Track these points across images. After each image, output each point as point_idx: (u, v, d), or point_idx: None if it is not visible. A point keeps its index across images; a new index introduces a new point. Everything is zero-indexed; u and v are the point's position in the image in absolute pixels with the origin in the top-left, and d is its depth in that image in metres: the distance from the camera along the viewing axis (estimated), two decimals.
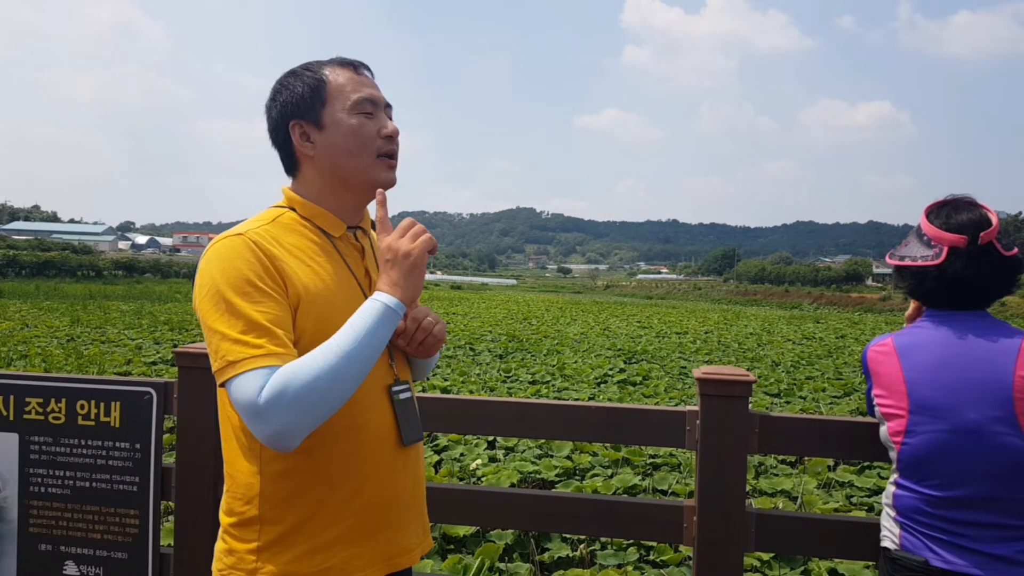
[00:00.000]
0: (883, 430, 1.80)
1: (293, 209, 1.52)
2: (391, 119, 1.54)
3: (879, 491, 5.54)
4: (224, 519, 1.46)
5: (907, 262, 1.82)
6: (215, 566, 1.46)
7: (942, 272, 1.75)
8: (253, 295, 1.33)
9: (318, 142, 1.48)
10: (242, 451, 1.43)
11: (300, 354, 1.34)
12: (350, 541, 1.43)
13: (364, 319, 1.34)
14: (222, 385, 1.33)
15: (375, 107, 1.50)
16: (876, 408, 1.82)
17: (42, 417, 2.37)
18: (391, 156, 1.52)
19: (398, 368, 1.56)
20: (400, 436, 1.50)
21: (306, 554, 1.40)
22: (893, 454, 1.77)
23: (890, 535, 1.79)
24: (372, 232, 1.67)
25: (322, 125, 1.48)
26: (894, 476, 1.79)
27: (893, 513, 1.78)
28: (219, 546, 1.47)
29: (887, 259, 1.91)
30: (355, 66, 1.53)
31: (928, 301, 1.83)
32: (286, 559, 1.39)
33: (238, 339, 1.30)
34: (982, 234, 1.72)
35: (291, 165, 1.54)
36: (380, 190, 1.49)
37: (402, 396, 1.52)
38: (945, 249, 1.74)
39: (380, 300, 1.37)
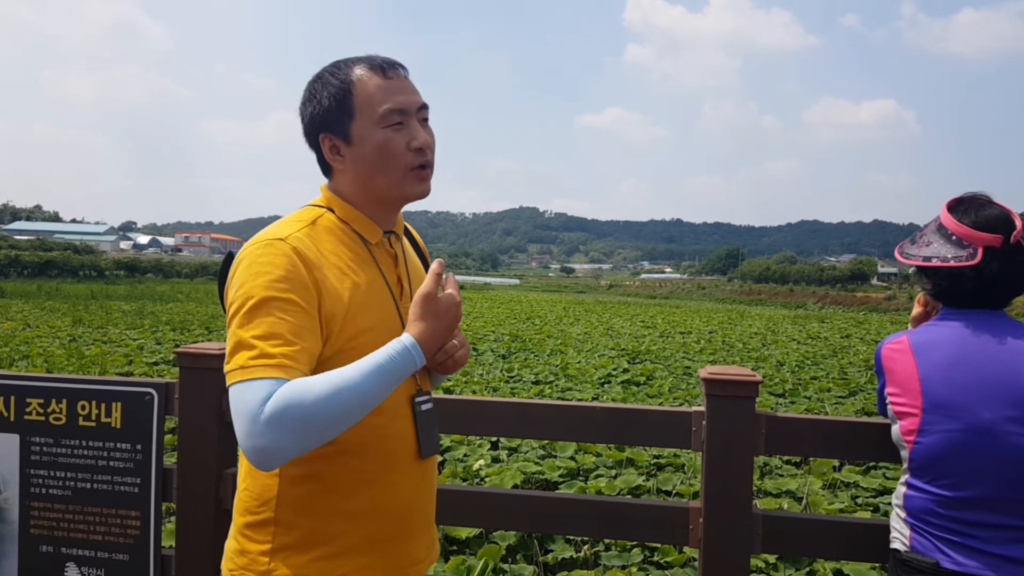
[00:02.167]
0: (895, 429, 1.78)
1: (331, 210, 1.48)
2: (427, 119, 1.49)
3: (885, 492, 5.52)
4: (238, 518, 1.45)
5: (936, 263, 1.76)
6: (225, 565, 1.45)
7: (979, 273, 1.70)
8: (280, 303, 1.29)
9: (347, 156, 1.45)
10: None
11: (329, 367, 1.30)
12: (363, 551, 1.42)
13: (382, 356, 1.29)
14: (230, 386, 1.29)
15: (405, 116, 1.43)
16: (889, 406, 1.79)
17: (43, 418, 2.36)
18: (424, 167, 1.46)
19: (421, 379, 1.54)
20: (419, 448, 1.48)
21: (319, 560, 1.38)
22: (905, 453, 1.75)
23: (900, 536, 1.76)
24: (404, 239, 1.64)
25: (351, 140, 1.43)
26: (905, 476, 1.77)
27: (903, 514, 1.76)
28: (231, 545, 1.45)
29: (901, 259, 1.87)
30: (384, 69, 1.45)
31: (956, 301, 1.78)
32: (299, 563, 1.38)
33: (252, 344, 1.26)
34: (1014, 233, 1.69)
35: (325, 169, 1.52)
36: (440, 260, 1.45)
37: (424, 407, 1.50)
38: (980, 249, 1.70)
39: (405, 343, 1.32)
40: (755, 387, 2.09)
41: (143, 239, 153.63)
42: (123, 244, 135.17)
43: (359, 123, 1.42)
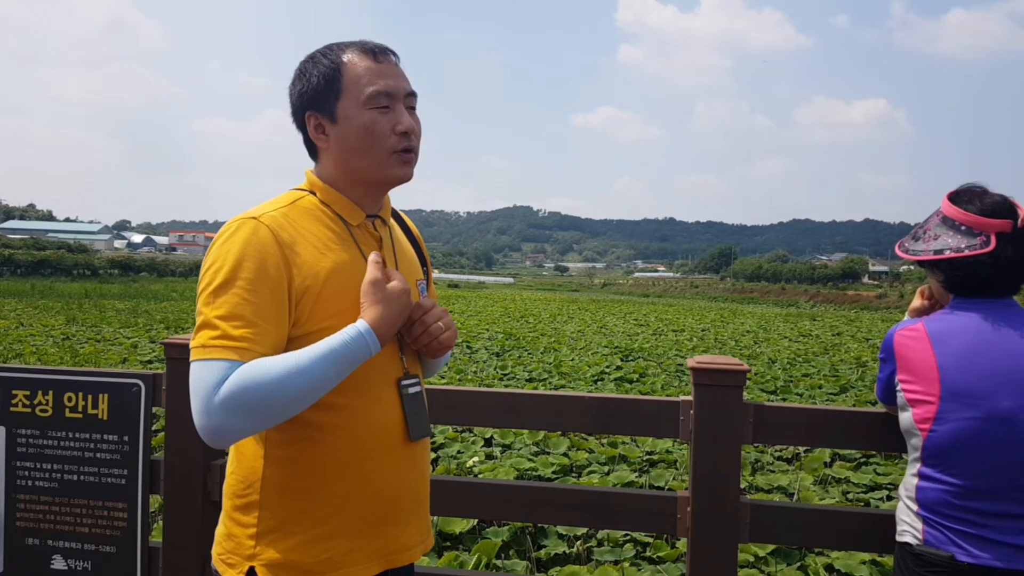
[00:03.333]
0: (906, 417, 1.75)
1: (313, 193, 1.49)
2: (414, 107, 1.49)
3: (876, 487, 5.53)
4: (226, 502, 1.46)
5: (950, 254, 1.74)
6: (215, 550, 1.46)
7: (996, 259, 1.69)
8: (245, 283, 1.31)
9: (332, 135, 1.45)
10: None
11: (302, 346, 1.32)
12: (349, 534, 1.41)
13: (336, 341, 1.31)
14: (192, 362, 1.31)
15: (392, 100, 1.43)
16: (900, 394, 1.76)
17: (29, 410, 2.35)
18: (407, 151, 1.46)
19: (408, 362, 1.53)
20: (407, 430, 1.48)
21: (305, 543, 1.38)
22: (917, 442, 1.72)
23: (912, 530, 1.73)
24: (392, 221, 1.63)
25: (336, 119, 1.43)
26: (916, 467, 1.73)
27: (915, 507, 1.72)
28: (219, 530, 1.46)
29: (905, 256, 1.84)
30: (375, 53, 1.45)
31: (970, 291, 1.76)
32: (284, 547, 1.38)
33: (215, 324, 1.29)
34: (1021, 217, 1.69)
35: (311, 150, 1.52)
36: (376, 252, 1.44)
37: (411, 390, 1.50)
38: (993, 235, 1.69)
39: (360, 329, 1.33)
40: (742, 376, 2.09)
41: (137, 238, 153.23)
42: (117, 243, 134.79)
43: (345, 102, 1.42)
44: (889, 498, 5.33)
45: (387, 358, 1.46)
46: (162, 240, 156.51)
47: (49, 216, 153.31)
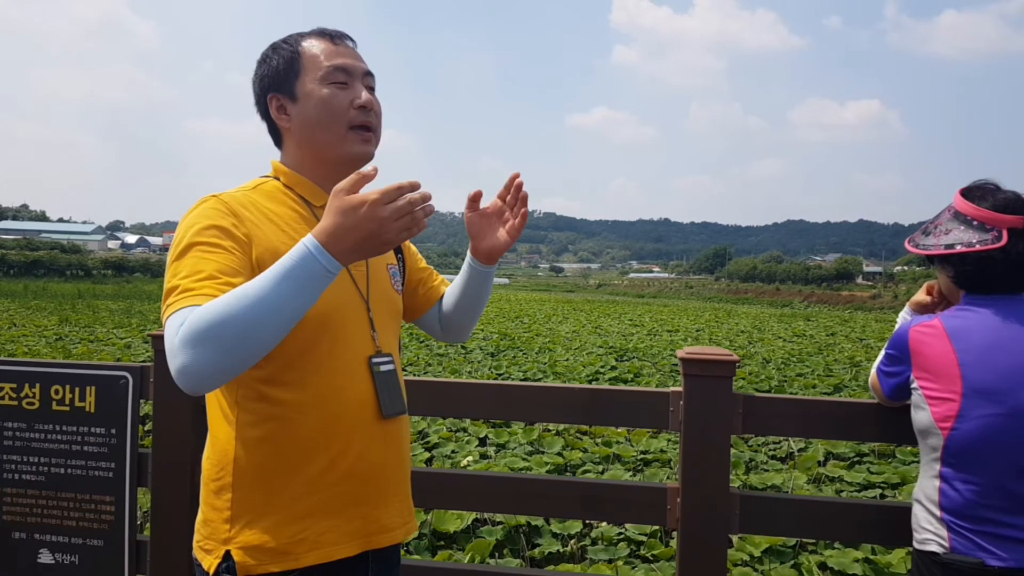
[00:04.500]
0: (923, 416, 1.72)
1: (277, 179, 1.52)
2: (372, 88, 1.51)
3: (869, 486, 5.53)
4: (203, 490, 1.45)
5: (961, 249, 1.73)
6: (195, 539, 1.45)
7: (1007, 254, 1.69)
8: (205, 247, 1.32)
9: (293, 114, 1.49)
10: (221, 413, 1.42)
11: None
12: (325, 514, 1.40)
13: (286, 260, 1.21)
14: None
15: (349, 76, 1.48)
16: (917, 392, 1.74)
17: (15, 403, 2.33)
18: (366, 128, 1.49)
19: (380, 340, 1.53)
20: (380, 408, 1.47)
21: (279, 524, 1.37)
22: (935, 441, 1.69)
23: (936, 538, 1.69)
24: None
25: (296, 97, 1.47)
26: (935, 468, 1.70)
27: (938, 512, 1.69)
28: (198, 518, 1.46)
29: (915, 250, 1.82)
30: (333, 36, 1.51)
31: (981, 287, 1.75)
32: (259, 529, 1.37)
33: (176, 285, 1.27)
34: None
35: (275, 137, 1.56)
36: (374, 166, 1.31)
37: (383, 368, 1.49)
38: (1005, 231, 1.69)
39: (306, 243, 1.21)
40: (732, 366, 2.09)
41: (131, 238, 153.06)
42: (110, 243, 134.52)
43: (304, 80, 1.47)
44: (883, 496, 5.34)
45: (357, 337, 1.46)
46: (156, 240, 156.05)
47: (42, 216, 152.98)
